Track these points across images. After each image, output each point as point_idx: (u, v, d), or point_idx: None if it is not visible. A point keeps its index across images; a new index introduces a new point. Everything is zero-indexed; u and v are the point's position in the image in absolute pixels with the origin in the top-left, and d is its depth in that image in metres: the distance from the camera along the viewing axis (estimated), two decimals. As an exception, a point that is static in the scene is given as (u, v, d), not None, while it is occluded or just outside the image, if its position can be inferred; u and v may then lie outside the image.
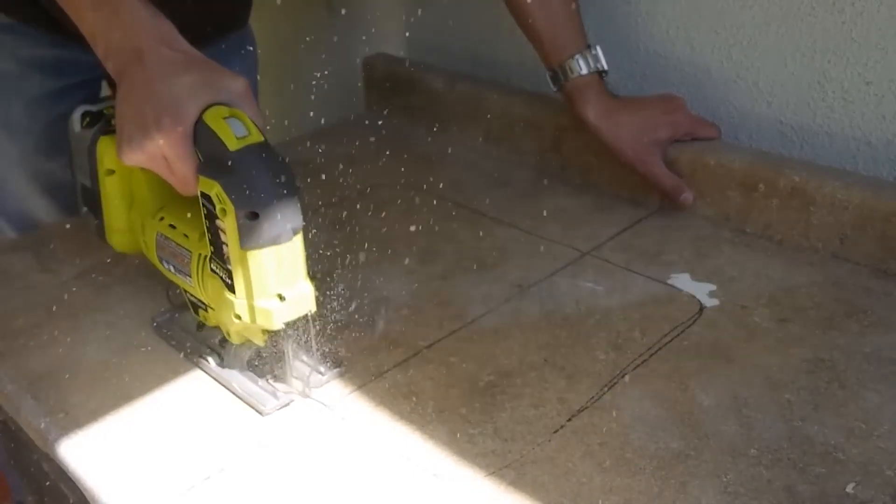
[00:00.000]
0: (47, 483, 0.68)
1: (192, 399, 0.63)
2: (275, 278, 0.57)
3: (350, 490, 0.55)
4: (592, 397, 0.61)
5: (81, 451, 0.59)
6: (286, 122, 1.30)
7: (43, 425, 0.61)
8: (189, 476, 0.56)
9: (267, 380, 0.64)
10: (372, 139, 1.07)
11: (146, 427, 0.61)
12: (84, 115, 0.69)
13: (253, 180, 0.55)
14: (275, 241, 0.56)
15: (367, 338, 0.69)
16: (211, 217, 0.57)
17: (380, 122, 1.11)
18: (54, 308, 0.74)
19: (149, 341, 0.70)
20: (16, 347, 0.70)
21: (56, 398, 0.63)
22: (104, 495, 0.56)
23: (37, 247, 0.85)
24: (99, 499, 0.56)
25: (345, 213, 0.88)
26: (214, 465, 0.57)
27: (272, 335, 0.61)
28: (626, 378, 0.63)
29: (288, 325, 0.59)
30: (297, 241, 0.57)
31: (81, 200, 0.72)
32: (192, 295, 0.66)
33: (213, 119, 0.56)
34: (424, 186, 0.94)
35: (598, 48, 0.85)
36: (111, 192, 0.68)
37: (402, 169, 0.96)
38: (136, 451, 0.59)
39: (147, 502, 0.54)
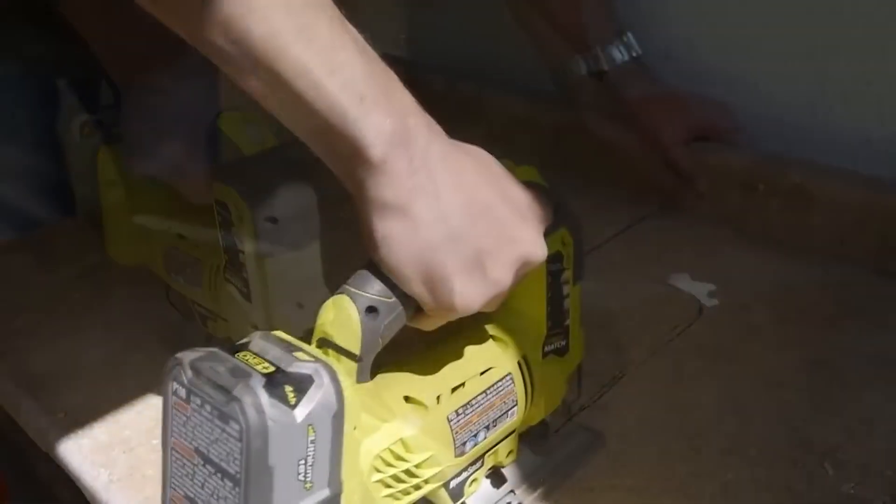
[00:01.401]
0: (46, 483, 0.68)
1: (191, 399, 0.63)
2: (293, 285, 0.55)
3: (350, 490, 0.55)
4: (592, 397, 0.61)
5: (81, 451, 0.59)
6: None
7: (43, 425, 0.61)
8: (189, 476, 0.56)
9: None
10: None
11: (146, 427, 0.60)
12: (83, 124, 0.68)
13: (270, 186, 0.53)
14: (293, 247, 0.54)
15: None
16: (226, 224, 0.55)
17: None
18: (54, 308, 0.74)
19: (149, 341, 0.69)
20: (16, 347, 0.69)
21: (56, 398, 0.63)
22: (104, 495, 0.56)
23: (37, 247, 0.85)
24: (99, 499, 0.56)
25: (345, 214, 0.88)
26: (214, 465, 0.57)
27: None
28: (626, 378, 0.63)
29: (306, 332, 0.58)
30: (316, 247, 0.56)
31: (81, 211, 0.71)
32: (201, 306, 0.64)
33: (228, 124, 0.55)
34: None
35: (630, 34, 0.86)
36: (113, 203, 0.67)
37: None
38: (136, 451, 0.58)
39: (146, 502, 0.54)
